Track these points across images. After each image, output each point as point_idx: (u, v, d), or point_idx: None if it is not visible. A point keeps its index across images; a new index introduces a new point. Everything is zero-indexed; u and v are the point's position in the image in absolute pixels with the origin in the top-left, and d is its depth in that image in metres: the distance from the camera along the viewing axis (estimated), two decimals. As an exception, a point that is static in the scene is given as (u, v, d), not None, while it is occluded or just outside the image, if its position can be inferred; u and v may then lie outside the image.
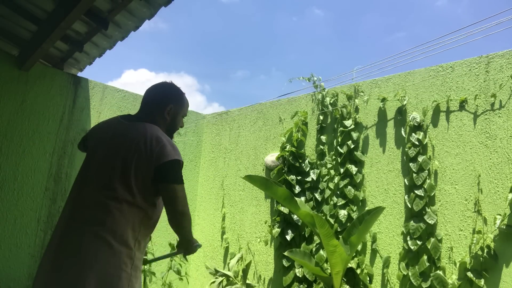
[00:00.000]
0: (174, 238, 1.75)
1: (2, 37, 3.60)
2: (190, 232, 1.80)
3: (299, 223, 3.47)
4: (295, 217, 3.47)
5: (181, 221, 1.72)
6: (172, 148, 1.70)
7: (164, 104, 1.82)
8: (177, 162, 1.70)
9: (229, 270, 3.76)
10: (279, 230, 3.56)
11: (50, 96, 3.85)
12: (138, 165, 1.62)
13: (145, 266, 3.86)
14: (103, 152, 1.71)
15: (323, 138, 3.57)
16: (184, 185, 1.72)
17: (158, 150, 1.64)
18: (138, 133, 1.67)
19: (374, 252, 3.06)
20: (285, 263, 3.48)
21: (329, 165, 3.47)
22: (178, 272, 3.79)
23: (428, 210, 2.79)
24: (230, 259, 4.05)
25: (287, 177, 3.59)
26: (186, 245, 1.83)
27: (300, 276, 3.34)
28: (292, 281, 3.37)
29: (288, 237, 3.47)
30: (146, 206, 1.67)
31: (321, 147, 3.58)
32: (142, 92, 2.11)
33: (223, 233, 4.27)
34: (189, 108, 2.08)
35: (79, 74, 4.13)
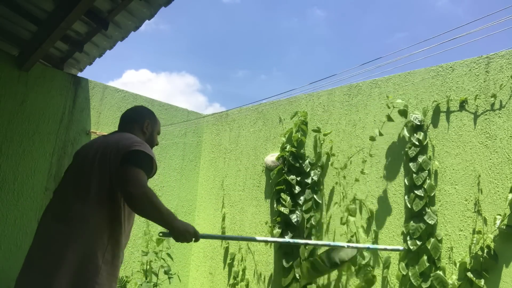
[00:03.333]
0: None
1: (2, 37, 3.60)
2: (163, 218, 1.72)
3: (298, 224, 3.47)
4: (294, 218, 3.47)
5: (135, 205, 1.67)
6: (141, 144, 1.80)
7: (142, 120, 2.03)
8: (144, 153, 1.76)
9: None
10: (279, 231, 3.56)
11: (50, 96, 3.85)
12: (111, 162, 1.73)
13: (147, 266, 3.86)
14: (81, 159, 1.86)
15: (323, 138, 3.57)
16: (142, 171, 1.70)
17: (127, 143, 1.77)
18: (115, 138, 1.85)
19: (374, 252, 3.06)
20: (285, 263, 3.48)
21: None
22: (166, 272, 3.80)
23: (428, 210, 2.79)
24: (230, 259, 4.05)
25: (287, 177, 3.59)
26: (171, 232, 1.76)
27: (299, 276, 3.33)
28: (291, 281, 3.37)
29: (288, 238, 3.47)
30: (114, 206, 1.75)
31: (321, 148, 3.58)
32: (142, 92, 2.23)
33: (223, 233, 4.27)
34: (190, 109, 2.23)
35: (79, 74, 4.14)
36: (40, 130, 3.76)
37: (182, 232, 1.76)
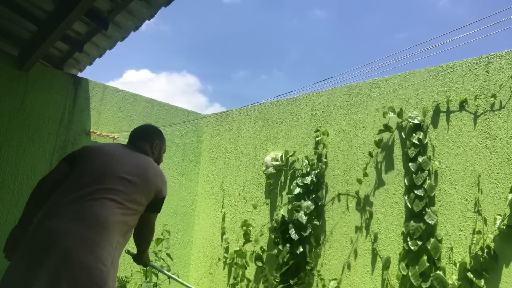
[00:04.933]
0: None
1: (2, 37, 3.60)
2: (147, 250, 2.34)
3: (298, 224, 3.47)
4: (294, 218, 3.47)
5: (144, 244, 2.26)
6: (167, 186, 2.13)
7: (152, 140, 2.19)
8: (165, 197, 2.13)
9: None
10: (280, 231, 3.56)
11: (50, 96, 3.86)
12: (150, 193, 1.98)
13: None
14: (117, 166, 1.94)
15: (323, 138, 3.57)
16: None
17: (162, 186, 2.05)
18: (149, 164, 2.04)
19: (374, 252, 3.06)
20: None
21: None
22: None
23: (428, 210, 2.79)
24: (230, 259, 4.05)
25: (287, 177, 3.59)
26: (139, 257, 2.35)
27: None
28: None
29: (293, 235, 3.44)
30: (135, 219, 1.96)
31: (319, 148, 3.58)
32: (143, 92, 2.26)
33: (223, 233, 4.27)
34: (190, 109, 2.32)
35: (79, 74, 4.14)
36: (40, 130, 3.76)
37: (146, 260, 2.39)
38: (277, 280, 3.49)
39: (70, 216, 1.74)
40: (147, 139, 2.17)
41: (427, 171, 2.84)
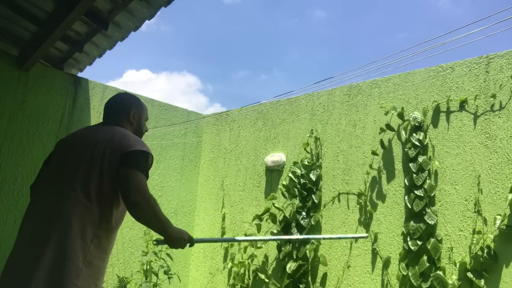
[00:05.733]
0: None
1: (2, 37, 3.60)
2: (161, 226, 1.72)
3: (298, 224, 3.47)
4: (294, 218, 3.47)
5: (137, 214, 1.64)
6: (138, 141, 1.76)
7: (128, 110, 1.91)
8: (142, 152, 1.72)
9: None
10: (280, 231, 3.56)
11: (50, 96, 3.85)
12: (104, 160, 1.67)
13: (146, 266, 3.86)
14: (67, 153, 1.77)
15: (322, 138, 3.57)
16: (143, 175, 1.67)
17: (125, 143, 1.70)
18: (107, 133, 1.75)
19: (374, 252, 3.06)
20: (285, 263, 3.48)
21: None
22: (166, 272, 3.79)
23: (428, 210, 2.79)
24: (230, 259, 4.05)
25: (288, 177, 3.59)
26: (167, 239, 1.76)
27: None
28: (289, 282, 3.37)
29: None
30: (105, 206, 1.68)
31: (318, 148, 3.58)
32: (143, 92, 2.18)
33: (223, 233, 4.27)
34: (190, 109, 2.19)
35: (79, 74, 4.14)
36: (40, 130, 3.76)
37: (178, 240, 1.77)
38: (278, 285, 3.50)
39: (35, 216, 1.69)
40: (122, 111, 1.91)
41: (427, 171, 2.84)
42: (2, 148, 3.57)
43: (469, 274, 2.51)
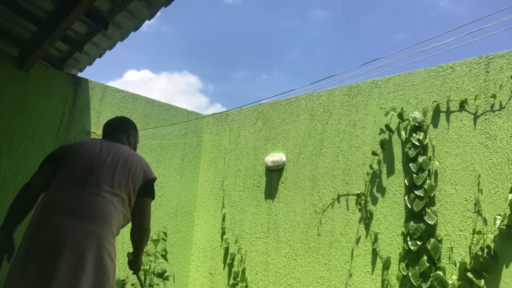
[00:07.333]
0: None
1: (2, 37, 3.60)
2: (142, 251, 2.18)
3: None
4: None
5: (142, 237, 2.07)
6: (149, 167, 2.13)
7: (128, 131, 2.25)
8: (154, 180, 2.12)
9: None
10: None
11: (50, 96, 3.85)
12: (138, 178, 2.01)
13: (145, 267, 3.86)
14: (103, 158, 1.97)
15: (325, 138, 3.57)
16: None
17: (147, 169, 2.08)
18: (130, 152, 2.08)
19: (374, 252, 3.06)
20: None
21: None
22: (161, 275, 3.79)
23: (428, 210, 2.79)
24: (230, 259, 4.05)
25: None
26: (136, 261, 2.19)
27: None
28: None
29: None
30: (129, 209, 1.99)
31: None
32: (143, 92, 2.29)
33: (223, 233, 4.27)
34: (190, 109, 2.38)
35: (79, 74, 4.14)
36: (40, 130, 3.76)
37: (139, 266, 2.23)
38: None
39: (72, 213, 1.76)
40: (123, 131, 2.23)
41: (427, 171, 2.84)
42: (2, 148, 3.57)
43: (469, 274, 2.51)
